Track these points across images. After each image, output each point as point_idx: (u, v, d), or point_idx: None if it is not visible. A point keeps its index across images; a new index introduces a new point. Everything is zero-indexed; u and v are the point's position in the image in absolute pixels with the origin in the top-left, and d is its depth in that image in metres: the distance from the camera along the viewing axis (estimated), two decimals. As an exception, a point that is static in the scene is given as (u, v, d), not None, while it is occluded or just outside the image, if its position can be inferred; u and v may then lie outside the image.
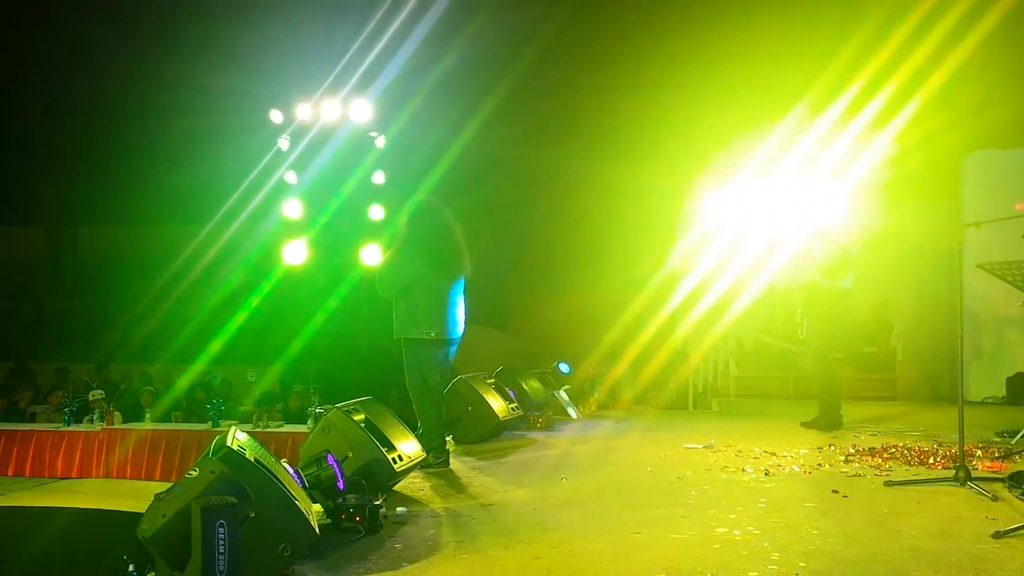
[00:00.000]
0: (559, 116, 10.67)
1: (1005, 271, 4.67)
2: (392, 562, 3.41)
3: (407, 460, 4.64)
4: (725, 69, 9.57)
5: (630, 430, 7.53)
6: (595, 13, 10.35)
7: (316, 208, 10.77)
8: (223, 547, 2.76)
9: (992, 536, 3.59)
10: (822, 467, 5.35)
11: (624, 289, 10.00)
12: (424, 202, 5.58)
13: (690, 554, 3.46)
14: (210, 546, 2.74)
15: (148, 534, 2.87)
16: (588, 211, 10.73)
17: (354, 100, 10.33)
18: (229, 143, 10.52)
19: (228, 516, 2.80)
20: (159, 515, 2.88)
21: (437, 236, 5.40)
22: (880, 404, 9.18)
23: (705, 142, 9.87)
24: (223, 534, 2.76)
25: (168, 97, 10.79)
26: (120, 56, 10.99)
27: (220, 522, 2.77)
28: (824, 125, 9.28)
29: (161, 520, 2.86)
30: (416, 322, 5.35)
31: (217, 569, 2.76)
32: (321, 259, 11.33)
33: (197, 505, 2.80)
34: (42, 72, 12.56)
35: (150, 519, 2.90)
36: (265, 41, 10.45)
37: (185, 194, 11.10)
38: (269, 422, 8.57)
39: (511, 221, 11.33)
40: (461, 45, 9.89)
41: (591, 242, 10.89)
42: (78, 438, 8.47)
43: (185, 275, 11.72)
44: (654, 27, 10.13)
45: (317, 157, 10.55)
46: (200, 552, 2.73)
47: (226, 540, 2.76)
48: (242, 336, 11.32)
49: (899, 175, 9.19)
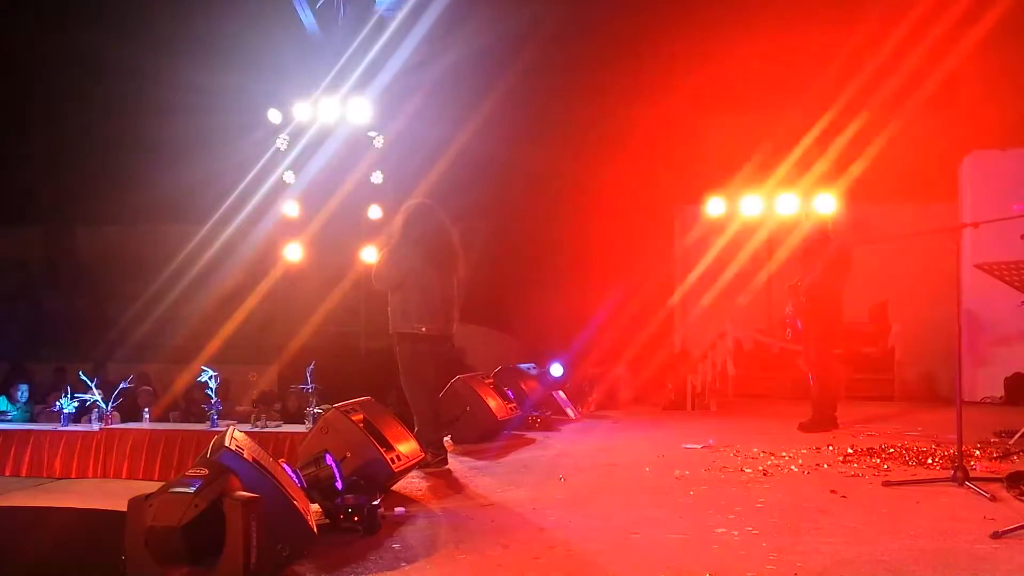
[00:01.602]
0: (559, 116, 10.66)
1: (1003, 271, 4.66)
2: (390, 562, 3.40)
3: (405, 460, 4.64)
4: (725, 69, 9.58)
5: (628, 430, 7.53)
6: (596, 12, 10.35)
7: (314, 208, 10.76)
8: (255, 541, 2.87)
9: (990, 536, 3.59)
10: (820, 467, 5.35)
11: (623, 289, 10.00)
12: (420, 204, 5.62)
13: (688, 554, 3.46)
14: (248, 540, 2.83)
15: (180, 523, 2.89)
16: (588, 211, 10.73)
17: (353, 99, 10.32)
18: (227, 142, 10.50)
19: (259, 512, 2.90)
20: (191, 506, 2.90)
21: (433, 234, 5.45)
22: (878, 404, 9.18)
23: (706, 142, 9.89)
24: (255, 529, 2.87)
25: (166, 96, 10.77)
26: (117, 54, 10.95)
27: (254, 516, 2.87)
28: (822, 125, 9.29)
29: (194, 511, 2.89)
30: (409, 317, 5.37)
31: (250, 563, 2.85)
32: (319, 259, 11.32)
33: (238, 500, 2.87)
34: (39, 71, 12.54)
35: (176, 509, 2.91)
36: (263, 39, 10.43)
37: (183, 193, 11.06)
38: (267, 422, 8.55)
39: (510, 221, 11.33)
40: (460, 44, 9.88)
41: (591, 242, 10.89)
42: (76, 438, 8.45)
43: (183, 275, 11.70)
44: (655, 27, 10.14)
45: (315, 157, 10.54)
46: (241, 546, 2.82)
47: (256, 535, 2.87)
48: (240, 336, 11.30)
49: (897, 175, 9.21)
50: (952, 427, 4.66)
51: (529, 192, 11.04)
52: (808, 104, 9.21)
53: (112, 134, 12.07)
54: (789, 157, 9.54)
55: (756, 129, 9.60)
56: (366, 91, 10.28)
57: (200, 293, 11.65)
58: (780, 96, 9.36)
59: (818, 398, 7.07)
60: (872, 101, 8.89)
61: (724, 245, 10.20)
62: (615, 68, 10.18)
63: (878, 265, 9.46)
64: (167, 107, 10.98)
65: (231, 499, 2.88)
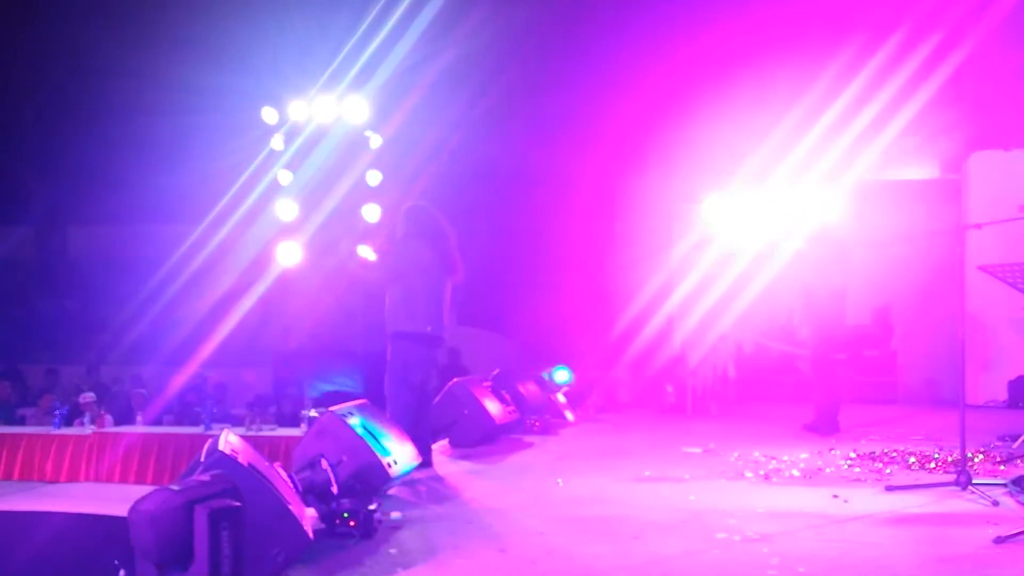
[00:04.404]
0: (558, 115, 10.64)
1: (1007, 274, 4.64)
2: (387, 567, 3.38)
3: (402, 465, 4.59)
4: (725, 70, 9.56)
5: (628, 434, 7.49)
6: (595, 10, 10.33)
7: (310, 209, 10.69)
8: (228, 551, 2.77)
9: (993, 541, 3.55)
10: (823, 471, 5.31)
11: (623, 292, 9.96)
12: (420, 206, 5.60)
13: (689, 559, 3.44)
14: (216, 550, 2.74)
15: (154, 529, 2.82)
16: (587, 213, 10.71)
17: (349, 98, 10.25)
18: (222, 142, 10.45)
19: (232, 520, 2.81)
20: (170, 510, 2.84)
21: (438, 233, 5.42)
22: (881, 408, 9.15)
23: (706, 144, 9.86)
24: (227, 538, 2.77)
25: (159, 95, 10.73)
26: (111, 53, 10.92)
27: (225, 526, 2.78)
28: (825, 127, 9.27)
29: (172, 515, 2.83)
30: (415, 317, 5.29)
31: (222, 573, 2.76)
32: (315, 260, 11.25)
33: (203, 509, 2.79)
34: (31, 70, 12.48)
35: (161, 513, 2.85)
36: (258, 37, 10.40)
37: (177, 194, 11.02)
38: (262, 425, 8.48)
39: (508, 222, 11.29)
40: (458, 42, 9.85)
41: (590, 244, 10.87)
42: (68, 441, 8.36)
43: (177, 276, 11.63)
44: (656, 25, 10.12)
45: (311, 156, 10.48)
46: (206, 556, 2.74)
47: (230, 544, 2.78)
48: (235, 338, 11.23)
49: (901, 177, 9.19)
50: (955, 431, 4.63)
51: (527, 193, 11.01)
52: (810, 104, 9.19)
53: (105, 134, 12.02)
54: (790, 157, 9.51)
55: (757, 128, 9.58)
56: (363, 90, 10.22)
57: (194, 294, 11.58)
58: (782, 95, 9.34)
59: (820, 401, 7.04)
60: (875, 101, 8.87)
61: (724, 246, 10.16)
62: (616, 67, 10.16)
63: (881, 267, 9.42)
64: (161, 106, 10.94)
65: (200, 507, 2.82)
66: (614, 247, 10.61)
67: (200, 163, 10.46)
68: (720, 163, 10.06)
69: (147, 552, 2.80)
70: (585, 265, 10.84)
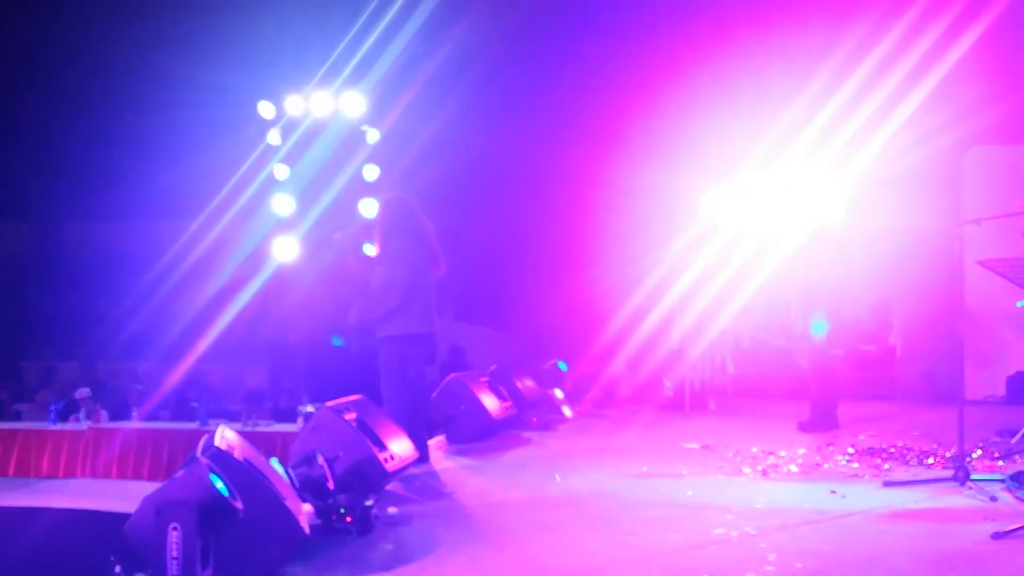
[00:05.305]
0: (557, 110, 10.61)
1: (1006, 269, 4.63)
2: (384, 563, 3.37)
3: (399, 460, 4.57)
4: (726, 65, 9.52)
5: (626, 429, 7.48)
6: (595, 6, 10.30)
7: (307, 204, 10.66)
8: (176, 551, 2.58)
9: (991, 537, 3.55)
10: (820, 467, 5.31)
11: (621, 287, 9.94)
12: (396, 197, 5.52)
13: (686, 555, 3.44)
14: (189, 554, 2.57)
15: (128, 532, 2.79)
16: (585, 207, 10.67)
17: (346, 93, 10.22)
18: (218, 137, 10.40)
19: (185, 519, 2.60)
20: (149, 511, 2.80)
21: (418, 226, 5.32)
22: (879, 403, 9.15)
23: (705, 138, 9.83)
24: (177, 538, 2.58)
25: (156, 90, 10.68)
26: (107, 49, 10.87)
27: (174, 525, 2.59)
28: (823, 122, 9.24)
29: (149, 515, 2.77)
30: (409, 319, 5.24)
31: (169, 574, 2.58)
32: (312, 255, 11.22)
33: (152, 505, 2.66)
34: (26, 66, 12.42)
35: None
36: (255, 32, 10.33)
37: (173, 189, 10.97)
38: (258, 421, 8.46)
39: (506, 217, 11.27)
40: (457, 37, 9.81)
41: (588, 239, 10.84)
42: (64, 437, 8.34)
43: (173, 272, 11.59)
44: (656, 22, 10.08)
45: (308, 151, 10.44)
46: (165, 557, 2.59)
47: (180, 544, 2.58)
48: (231, 333, 11.21)
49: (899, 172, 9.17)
50: (953, 426, 4.63)
51: (526, 188, 10.98)
52: (808, 99, 9.16)
53: (101, 129, 11.98)
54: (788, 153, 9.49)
55: (754, 124, 9.56)
56: (360, 84, 10.19)
57: (191, 290, 11.55)
58: (779, 91, 9.32)
59: (817, 397, 7.03)
60: (873, 96, 8.85)
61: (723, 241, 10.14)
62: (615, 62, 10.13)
63: (879, 263, 9.41)
64: (157, 101, 10.90)
65: (145, 502, 2.70)
66: (613, 242, 10.58)
67: (197, 158, 10.41)
68: (719, 157, 10.04)
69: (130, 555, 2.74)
70: (584, 260, 10.82)
